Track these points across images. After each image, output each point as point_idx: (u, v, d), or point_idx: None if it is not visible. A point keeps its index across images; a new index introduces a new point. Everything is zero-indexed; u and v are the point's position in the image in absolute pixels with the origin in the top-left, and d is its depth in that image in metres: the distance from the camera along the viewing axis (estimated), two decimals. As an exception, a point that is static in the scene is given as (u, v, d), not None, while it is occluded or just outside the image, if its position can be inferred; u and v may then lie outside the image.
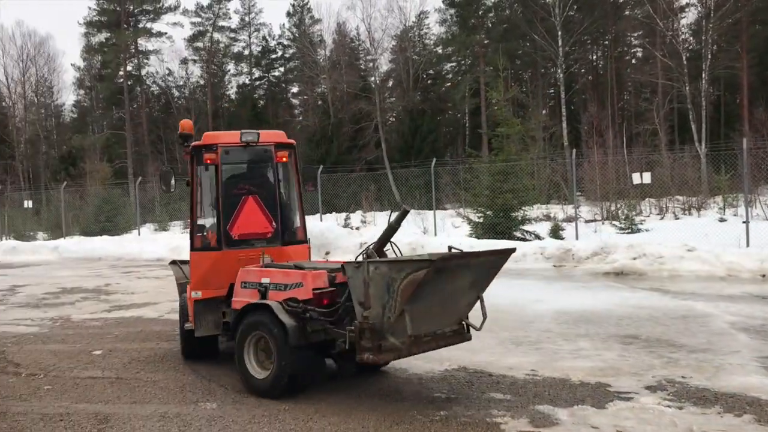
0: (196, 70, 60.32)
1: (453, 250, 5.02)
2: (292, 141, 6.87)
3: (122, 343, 7.65)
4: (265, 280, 5.62)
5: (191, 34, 58.88)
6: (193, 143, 6.78)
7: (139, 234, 24.65)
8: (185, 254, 19.60)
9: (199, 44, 59.54)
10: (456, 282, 4.94)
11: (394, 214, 5.81)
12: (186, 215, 32.64)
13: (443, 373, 5.82)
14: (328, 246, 16.90)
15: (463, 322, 5.39)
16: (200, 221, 6.76)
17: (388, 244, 5.75)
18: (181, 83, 59.88)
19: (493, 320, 8.12)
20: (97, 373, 6.29)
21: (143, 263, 18.71)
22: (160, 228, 31.31)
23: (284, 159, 6.70)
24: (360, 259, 5.14)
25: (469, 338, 5.40)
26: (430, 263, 4.44)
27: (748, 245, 13.46)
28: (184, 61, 59.01)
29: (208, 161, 6.55)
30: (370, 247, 5.63)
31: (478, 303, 5.30)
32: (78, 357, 7.00)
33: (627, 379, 5.45)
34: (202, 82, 59.87)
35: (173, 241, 21.26)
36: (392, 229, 5.70)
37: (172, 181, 6.91)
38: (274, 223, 6.57)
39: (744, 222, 14.58)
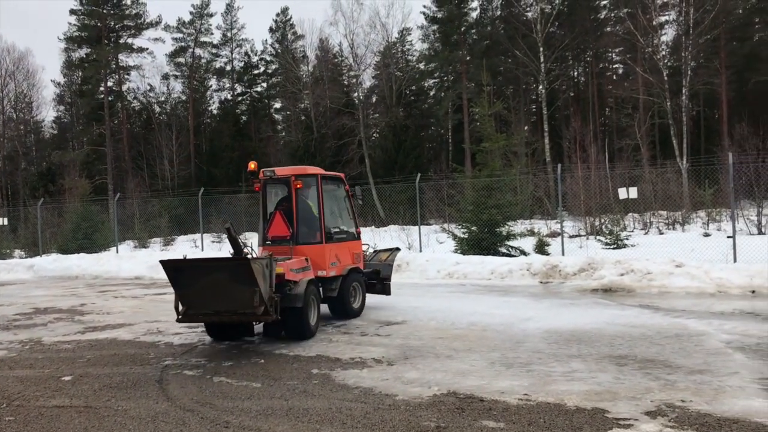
0: (177, 86, 60.06)
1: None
2: (312, 172, 9.70)
3: (94, 367, 7.28)
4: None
5: (173, 49, 58.57)
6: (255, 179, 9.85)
7: (117, 251, 24.16)
8: (164, 273, 19.21)
9: (181, 60, 59.20)
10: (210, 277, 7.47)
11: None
12: (165, 232, 32.36)
13: (432, 399, 5.53)
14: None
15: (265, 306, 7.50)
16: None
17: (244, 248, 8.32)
18: (163, 99, 59.50)
19: (481, 340, 7.94)
20: (64, 402, 5.93)
21: (121, 282, 18.27)
22: (139, 245, 30.80)
23: (299, 185, 9.35)
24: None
25: (276, 317, 7.66)
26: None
27: (735, 260, 13.36)
28: (165, 77, 58.66)
29: (257, 189, 9.87)
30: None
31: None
32: (46, 383, 6.63)
33: (625, 404, 5.19)
34: (183, 97, 59.49)
35: (152, 259, 20.79)
36: (234, 240, 8.08)
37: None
38: (290, 230, 9.26)
39: (730, 237, 14.50)
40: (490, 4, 54.20)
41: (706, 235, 20.95)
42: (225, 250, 25.51)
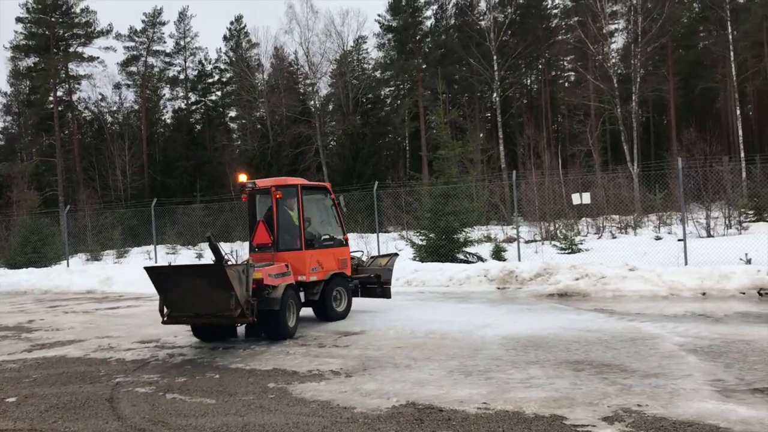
0: (129, 95, 59.05)
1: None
2: (292, 182, 10.28)
3: (40, 387, 7.00)
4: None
5: (125, 58, 57.63)
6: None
7: (68, 265, 23.49)
8: (116, 286, 18.70)
9: (133, 69, 58.24)
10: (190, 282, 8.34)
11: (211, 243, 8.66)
12: (118, 244, 31.62)
13: (390, 411, 5.46)
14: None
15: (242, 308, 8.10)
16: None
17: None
18: (115, 108, 58.42)
19: (440, 348, 7.91)
20: (8, 425, 5.67)
21: (72, 296, 17.74)
22: (92, 258, 30.05)
23: (278, 196, 9.90)
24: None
25: (252, 320, 8.27)
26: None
27: (686, 263, 13.66)
28: (117, 86, 57.65)
29: (244, 200, 10.54)
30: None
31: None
32: (-11, 406, 6.34)
33: (582, 410, 5.21)
34: (136, 107, 58.50)
35: (105, 272, 20.29)
36: (215, 248, 8.57)
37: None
38: (271, 237, 9.88)
39: (680, 240, 14.83)
40: (444, 13, 54.77)
41: (658, 238, 21.41)
42: (179, 261, 25.07)
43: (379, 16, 55.06)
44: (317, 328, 9.79)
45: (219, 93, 61.17)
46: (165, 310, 8.50)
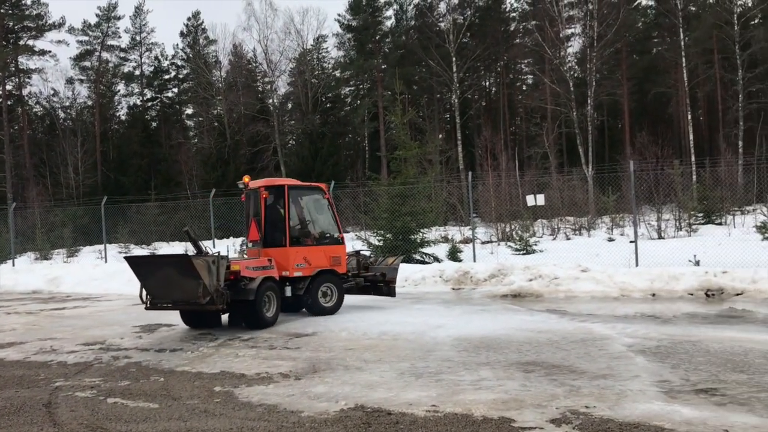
0: (83, 91, 57.55)
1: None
2: (279, 183, 11.03)
3: (-25, 392, 6.70)
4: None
5: (78, 52, 56.20)
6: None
7: (14, 264, 22.75)
8: (64, 286, 18.18)
9: (87, 63, 56.91)
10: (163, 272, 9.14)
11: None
12: (69, 243, 30.80)
13: (338, 414, 5.36)
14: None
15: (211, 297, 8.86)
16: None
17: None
18: (67, 104, 56.88)
19: (392, 350, 7.84)
20: (-64, 433, 5.40)
21: (17, 296, 17.18)
22: (41, 257, 29.19)
23: (265, 196, 10.69)
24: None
25: (222, 307, 9.06)
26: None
27: (637, 264, 13.87)
28: (70, 81, 56.21)
29: (243, 199, 11.42)
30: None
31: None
32: None
33: (531, 412, 5.19)
34: (89, 102, 57.08)
35: (52, 272, 19.72)
36: (193, 241, 9.44)
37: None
38: (260, 234, 10.77)
39: (632, 242, 15.07)
40: (404, 14, 54.81)
41: (611, 240, 21.77)
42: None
43: (339, 15, 54.90)
44: (268, 330, 9.63)
45: (175, 90, 60.23)
46: (145, 297, 9.33)
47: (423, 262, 17.59)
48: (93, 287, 17.61)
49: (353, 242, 23.37)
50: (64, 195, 46.51)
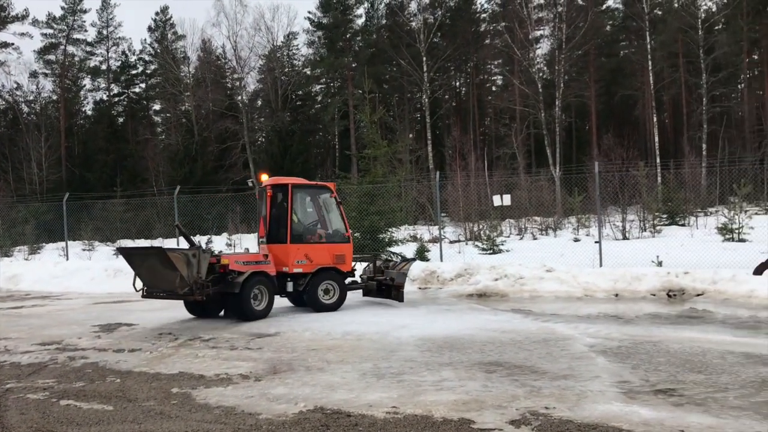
0: (47, 85, 56.33)
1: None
2: (284, 182, 11.33)
3: None
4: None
5: (42, 46, 54.96)
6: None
7: (-30, 262, 22.12)
8: (23, 284, 17.76)
9: (51, 57, 55.72)
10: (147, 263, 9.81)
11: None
12: (31, 240, 30.15)
13: (297, 416, 5.28)
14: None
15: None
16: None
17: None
18: (31, 98, 55.59)
19: (355, 350, 7.77)
20: None
21: (-28, 295, 16.70)
22: (1, 254, 28.49)
23: (270, 194, 11.16)
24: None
25: (200, 298, 9.73)
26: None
27: (601, 265, 14.00)
28: (34, 75, 55.02)
29: (257, 197, 11.76)
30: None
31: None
32: None
33: (491, 413, 5.17)
34: (54, 97, 55.92)
35: (11, 269, 19.24)
36: (185, 235, 10.44)
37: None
38: (265, 231, 11.18)
39: (596, 242, 15.21)
40: (375, 13, 54.71)
41: (576, 240, 21.97)
42: (95, 259, 24.09)
43: (309, 12, 54.66)
44: (230, 330, 9.50)
45: (143, 85, 59.34)
46: (137, 286, 10.13)
47: (389, 261, 17.51)
48: (53, 285, 17.23)
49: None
50: (27, 191, 45.48)
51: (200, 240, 10.61)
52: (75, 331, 9.88)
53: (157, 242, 27.47)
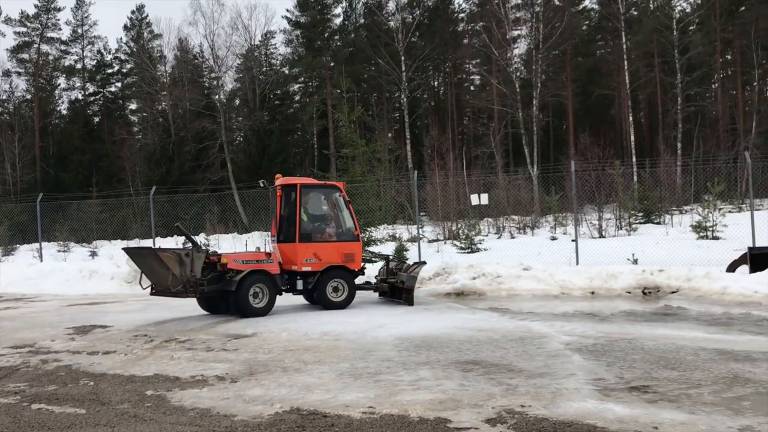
0: (21, 84, 55.46)
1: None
2: (293, 182, 11.55)
3: None
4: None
5: (15, 44, 54.12)
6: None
7: (-59, 264, 21.73)
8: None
9: (25, 56, 54.93)
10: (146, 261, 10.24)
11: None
12: (5, 241, 29.74)
13: (273, 418, 5.24)
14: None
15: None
16: None
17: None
18: (4, 97, 54.74)
19: (333, 350, 7.75)
20: None
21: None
22: (-26, 255, 28.03)
23: (280, 194, 11.39)
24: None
25: (193, 296, 10.34)
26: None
27: (578, 263, 14.11)
28: (7, 74, 54.21)
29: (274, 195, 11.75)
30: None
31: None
32: None
33: (467, 412, 5.18)
34: (28, 96, 55.10)
35: (-17, 271, 18.90)
36: (186, 234, 10.66)
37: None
38: (276, 230, 11.48)
39: (573, 241, 15.34)
40: (353, 12, 54.60)
41: (553, 238, 22.13)
42: (70, 260, 23.78)
43: (287, 11, 54.37)
44: (207, 331, 9.43)
45: (119, 84, 58.65)
46: (144, 284, 10.56)
47: (369, 261, 17.50)
48: (27, 287, 16.97)
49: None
50: (0, 192, 44.80)
51: (201, 240, 10.79)
52: (48, 333, 9.74)
53: (133, 243, 27.21)
